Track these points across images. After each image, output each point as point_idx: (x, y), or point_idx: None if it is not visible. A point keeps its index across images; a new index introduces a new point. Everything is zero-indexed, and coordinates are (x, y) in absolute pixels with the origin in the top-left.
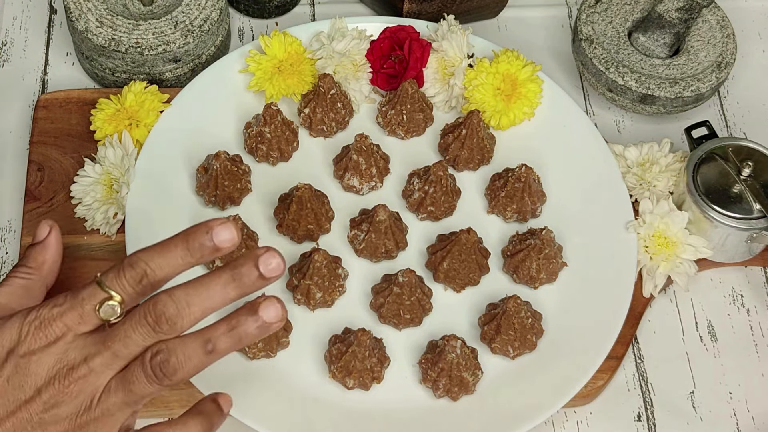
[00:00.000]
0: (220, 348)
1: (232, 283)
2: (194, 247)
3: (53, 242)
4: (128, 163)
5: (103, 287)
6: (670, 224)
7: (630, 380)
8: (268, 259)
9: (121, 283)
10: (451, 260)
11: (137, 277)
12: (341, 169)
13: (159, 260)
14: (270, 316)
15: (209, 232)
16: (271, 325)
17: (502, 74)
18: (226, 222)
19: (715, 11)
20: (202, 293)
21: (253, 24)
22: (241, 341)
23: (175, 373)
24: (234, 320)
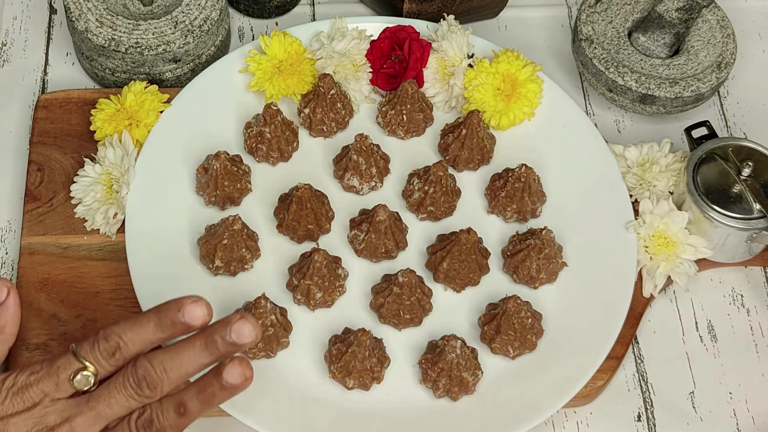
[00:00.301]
0: (192, 410)
1: (205, 351)
2: (166, 324)
3: (12, 303)
4: (128, 163)
5: (78, 358)
6: (670, 224)
7: (630, 380)
8: (240, 327)
9: (95, 355)
10: (451, 260)
11: (110, 350)
12: (341, 169)
13: (131, 335)
14: (234, 377)
15: (180, 310)
16: (235, 387)
17: (502, 74)
18: (199, 300)
19: (715, 11)
20: (177, 360)
21: (253, 24)
22: (210, 403)
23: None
24: (201, 384)
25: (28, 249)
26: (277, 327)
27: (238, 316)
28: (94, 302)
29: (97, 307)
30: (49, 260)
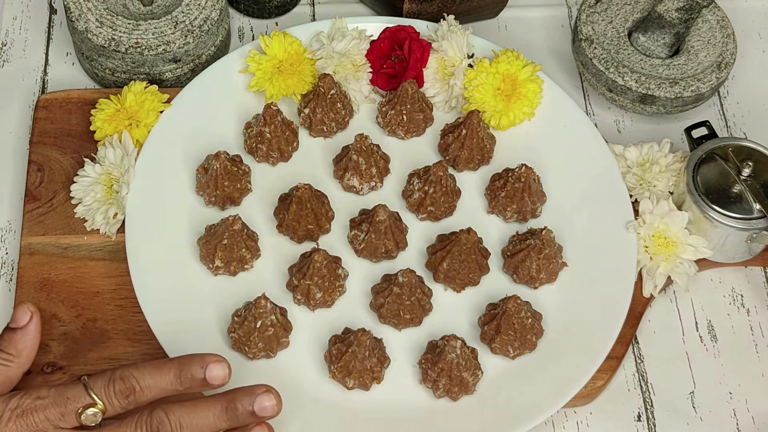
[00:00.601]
0: None
1: (224, 415)
2: (185, 376)
3: (33, 329)
4: (128, 163)
5: (90, 393)
6: (670, 224)
7: (630, 380)
8: (263, 401)
9: (108, 393)
10: (451, 260)
11: (125, 392)
12: (341, 169)
13: (149, 380)
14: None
15: (204, 367)
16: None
17: (502, 74)
18: (222, 361)
19: (715, 11)
20: (194, 418)
21: (253, 24)
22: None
23: None
24: None
25: (28, 249)
26: (277, 327)
27: (263, 389)
28: (94, 302)
29: (97, 307)
30: (49, 260)
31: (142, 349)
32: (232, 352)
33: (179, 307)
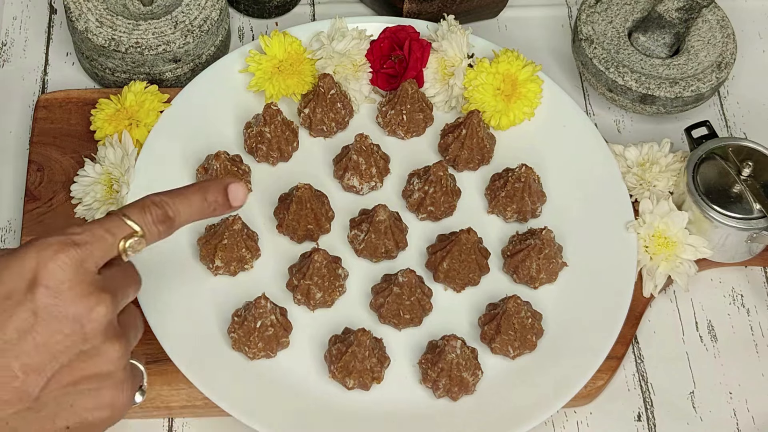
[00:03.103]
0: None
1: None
2: (210, 201)
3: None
4: (128, 163)
5: (127, 221)
6: (670, 224)
7: (630, 380)
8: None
9: (146, 220)
10: (451, 260)
11: (161, 217)
12: (341, 169)
13: (179, 206)
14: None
15: (225, 187)
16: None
17: (502, 74)
18: (240, 182)
19: (715, 11)
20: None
21: (253, 24)
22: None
23: None
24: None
25: None
26: (277, 327)
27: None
28: None
29: None
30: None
31: (143, 349)
32: (232, 352)
33: (179, 307)
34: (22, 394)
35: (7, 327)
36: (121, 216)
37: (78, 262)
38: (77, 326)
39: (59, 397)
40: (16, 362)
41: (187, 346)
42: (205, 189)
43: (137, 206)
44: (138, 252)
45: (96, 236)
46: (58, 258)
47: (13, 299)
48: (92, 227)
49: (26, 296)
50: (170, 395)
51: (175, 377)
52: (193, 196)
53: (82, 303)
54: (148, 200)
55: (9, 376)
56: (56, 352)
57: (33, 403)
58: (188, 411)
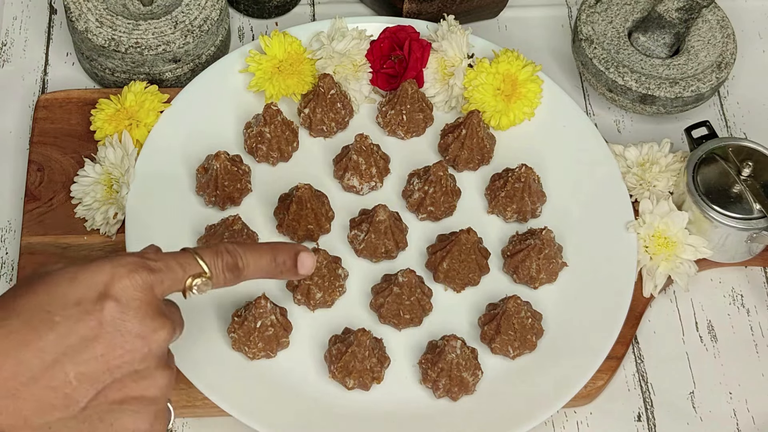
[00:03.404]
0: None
1: (273, 263)
2: (279, 262)
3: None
4: (128, 163)
5: (199, 261)
6: (670, 224)
7: (630, 380)
8: (304, 258)
9: (217, 265)
10: (451, 260)
11: (231, 265)
12: (341, 169)
13: (250, 259)
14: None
15: (296, 254)
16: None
17: (502, 74)
18: (310, 252)
19: (715, 11)
20: (255, 259)
21: (253, 24)
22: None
23: None
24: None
25: (28, 249)
26: (277, 327)
27: (303, 248)
28: None
29: None
30: (49, 260)
31: None
32: (232, 352)
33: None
34: (71, 402)
35: (72, 332)
36: (194, 255)
37: (149, 285)
38: (139, 344)
39: (103, 413)
40: (73, 369)
41: (187, 346)
42: (277, 250)
43: (211, 250)
44: (203, 293)
45: (169, 267)
46: (132, 277)
47: (81, 307)
48: (167, 257)
49: (95, 306)
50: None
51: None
52: (265, 254)
53: (147, 324)
54: (222, 247)
55: (63, 381)
56: (113, 367)
57: (79, 413)
58: (188, 411)
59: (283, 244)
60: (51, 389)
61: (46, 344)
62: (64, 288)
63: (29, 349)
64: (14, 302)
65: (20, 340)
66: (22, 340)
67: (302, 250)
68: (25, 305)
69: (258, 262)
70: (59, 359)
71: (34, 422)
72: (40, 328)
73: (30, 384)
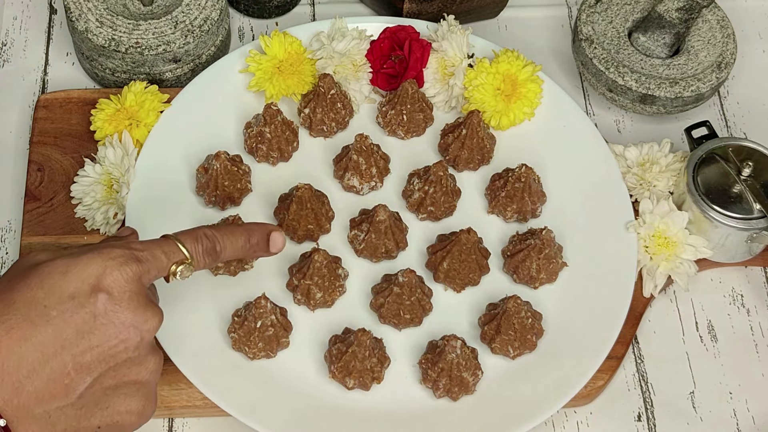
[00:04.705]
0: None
1: (247, 244)
2: (253, 242)
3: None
4: (128, 163)
5: (182, 248)
6: (670, 224)
7: (630, 380)
8: (276, 237)
9: (197, 250)
10: (451, 260)
11: (210, 250)
12: (341, 169)
13: (226, 242)
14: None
15: (268, 234)
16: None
17: (502, 74)
18: (280, 231)
19: (715, 11)
20: (231, 241)
21: (253, 24)
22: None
23: None
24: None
25: (28, 249)
26: (277, 327)
27: (272, 228)
28: None
29: None
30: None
31: None
32: (232, 352)
33: (179, 307)
34: (69, 391)
35: (68, 326)
36: (176, 241)
37: (138, 276)
38: (132, 334)
39: (99, 398)
40: (71, 360)
41: (187, 346)
42: (251, 231)
43: (191, 235)
44: (185, 278)
45: (155, 256)
46: (122, 269)
47: (76, 300)
48: (151, 247)
49: (89, 299)
50: (170, 395)
51: (175, 377)
52: (240, 236)
53: (139, 314)
54: (200, 231)
55: (62, 373)
56: (108, 356)
57: (76, 401)
58: (188, 411)
59: (255, 225)
60: (51, 381)
61: (45, 338)
62: (58, 281)
63: (29, 344)
64: (11, 296)
65: (20, 335)
66: (22, 335)
67: (273, 230)
68: (21, 300)
69: (234, 244)
70: (58, 352)
71: (34, 411)
72: (38, 323)
73: (31, 377)
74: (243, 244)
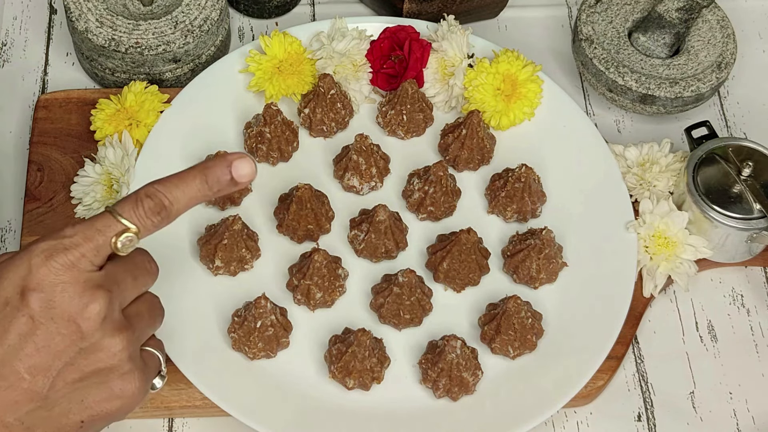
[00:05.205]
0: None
1: (206, 185)
2: (213, 181)
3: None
4: (128, 163)
5: (120, 219)
6: (670, 224)
7: (630, 380)
8: (240, 167)
9: (139, 214)
10: (451, 260)
11: (155, 209)
12: (341, 169)
13: (176, 192)
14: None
15: (228, 166)
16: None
17: (502, 74)
18: (245, 156)
19: (715, 11)
20: (182, 190)
21: (253, 24)
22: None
23: None
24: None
25: None
26: (277, 327)
27: (237, 155)
28: None
29: None
30: None
31: None
32: (232, 352)
33: (179, 307)
34: (32, 394)
35: (8, 333)
36: (113, 213)
37: (69, 264)
38: (73, 326)
39: (69, 394)
40: (22, 365)
41: (187, 346)
42: (206, 169)
43: (130, 200)
44: (131, 248)
45: (87, 237)
46: (48, 264)
47: (10, 306)
48: (84, 228)
49: (21, 302)
50: (170, 395)
51: (175, 377)
52: (192, 180)
53: (75, 302)
54: (141, 192)
55: (17, 378)
56: (58, 352)
57: (43, 402)
58: (188, 411)
59: (212, 160)
60: (9, 388)
61: None
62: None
63: None
64: None
65: None
66: None
67: (236, 158)
68: None
69: (187, 191)
70: (6, 360)
71: (6, 420)
72: None
73: None
74: (199, 187)
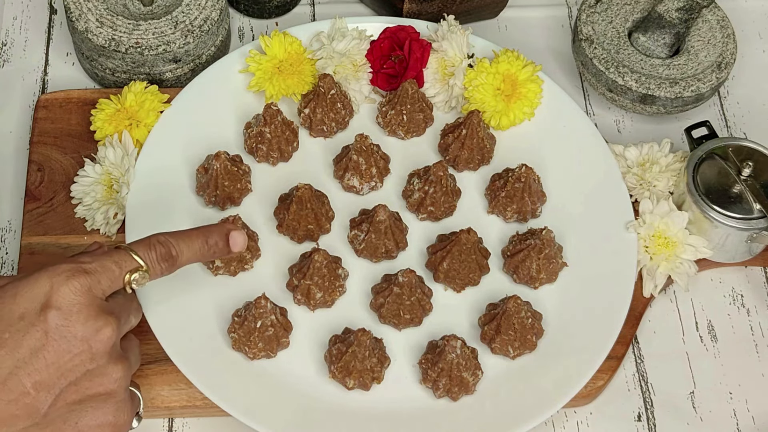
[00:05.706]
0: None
1: (205, 246)
2: (211, 244)
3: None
4: (128, 163)
5: (134, 256)
6: (670, 224)
7: (630, 380)
8: (236, 237)
9: (151, 257)
10: (451, 260)
11: (165, 256)
12: (341, 169)
13: (182, 246)
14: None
15: (226, 234)
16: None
17: (502, 74)
18: (239, 229)
19: (715, 11)
20: (187, 245)
21: (253, 24)
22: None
23: None
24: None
25: (28, 249)
26: (277, 327)
27: (232, 227)
28: None
29: None
30: (49, 260)
31: (143, 350)
32: (233, 352)
33: (179, 307)
34: (32, 410)
35: (20, 346)
36: (128, 251)
37: (87, 288)
38: (85, 346)
39: (65, 414)
40: (29, 380)
41: (187, 347)
42: (208, 233)
43: (144, 243)
44: (142, 286)
45: (104, 267)
46: (69, 283)
47: (26, 320)
48: (102, 258)
49: (39, 317)
50: (170, 395)
51: (175, 377)
52: (196, 239)
53: (90, 325)
54: (154, 239)
55: (21, 393)
56: (65, 371)
57: (41, 419)
58: (188, 411)
59: (213, 226)
60: (12, 402)
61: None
62: (9, 305)
63: None
64: None
65: None
66: None
67: (233, 230)
68: None
69: (191, 247)
70: (14, 372)
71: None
72: None
73: None
74: (200, 246)
